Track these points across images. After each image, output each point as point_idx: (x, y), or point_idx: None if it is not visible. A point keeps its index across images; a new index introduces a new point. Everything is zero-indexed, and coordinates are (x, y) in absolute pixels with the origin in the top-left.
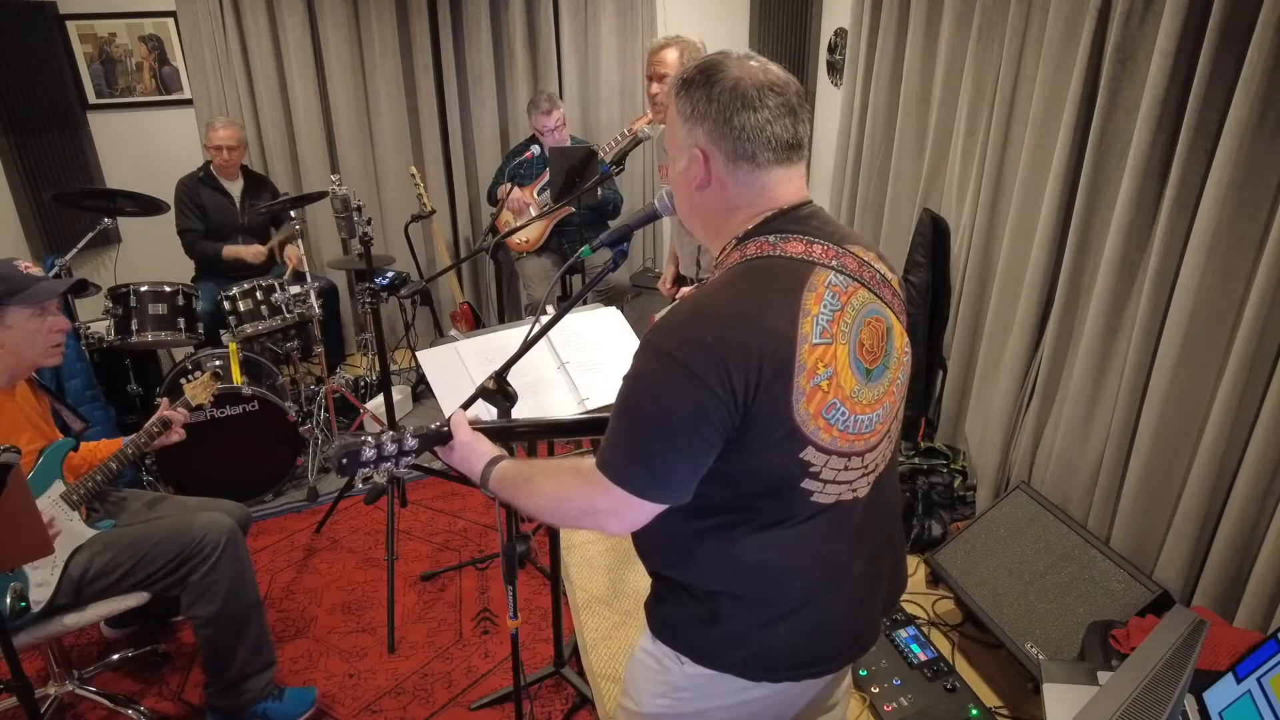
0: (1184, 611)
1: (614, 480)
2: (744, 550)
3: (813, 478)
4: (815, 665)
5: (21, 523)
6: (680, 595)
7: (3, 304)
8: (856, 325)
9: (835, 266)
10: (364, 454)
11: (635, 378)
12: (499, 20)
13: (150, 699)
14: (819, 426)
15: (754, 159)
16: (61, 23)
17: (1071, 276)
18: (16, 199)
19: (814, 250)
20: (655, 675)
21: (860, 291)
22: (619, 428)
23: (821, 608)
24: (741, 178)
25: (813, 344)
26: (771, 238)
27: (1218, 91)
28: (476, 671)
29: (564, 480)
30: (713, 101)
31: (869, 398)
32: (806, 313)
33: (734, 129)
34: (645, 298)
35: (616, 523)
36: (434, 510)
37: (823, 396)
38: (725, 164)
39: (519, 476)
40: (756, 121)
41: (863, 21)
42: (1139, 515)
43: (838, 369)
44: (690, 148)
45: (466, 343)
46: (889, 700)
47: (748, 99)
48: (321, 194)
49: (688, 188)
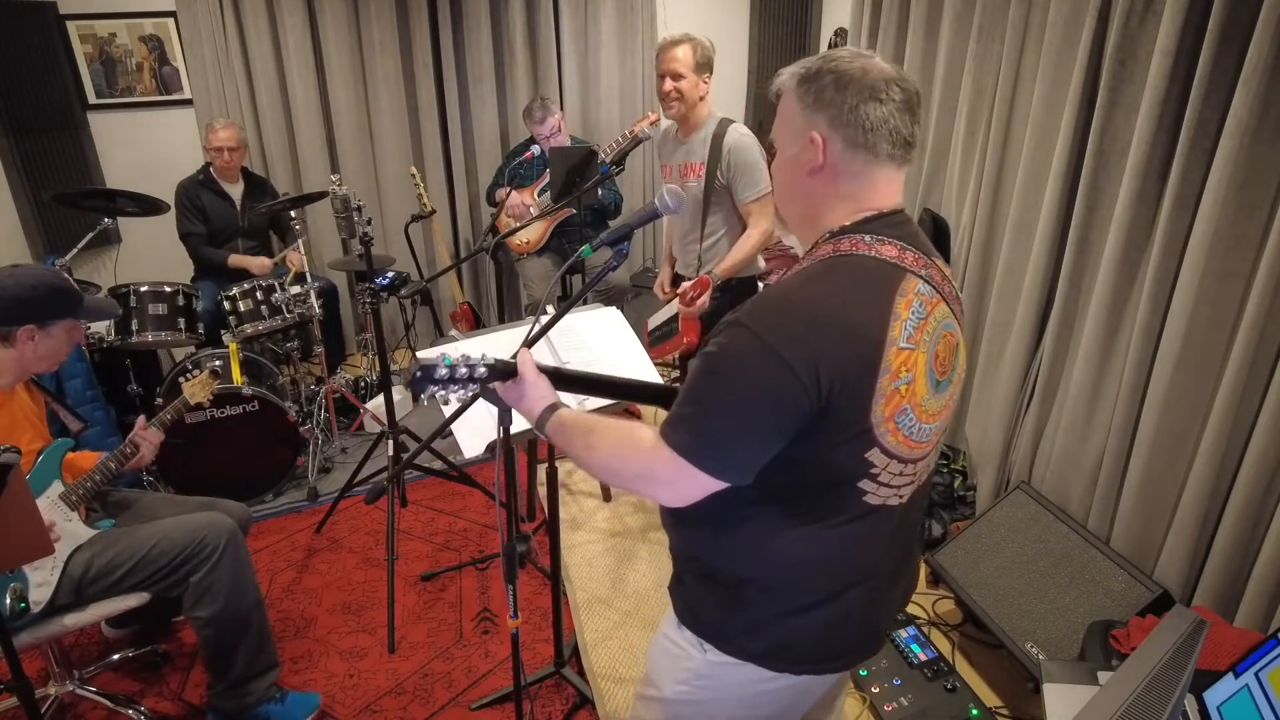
0: (1184, 611)
1: (678, 450)
2: (784, 542)
3: (871, 479)
4: (836, 660)
5: (21, 523)
6: (707, 579)
7: (60, 316)
8: (936, 336)
9: (924, 276)
10: (438, 372)
11: (721, 354)
12: (499, 20)
13: (150, 699)
14: (889, 430)
15: (874, 149)
16: (61, 23)
17: (1071, 276)
18: (16, 199)
19: (906, 257)
20: (678, 661)
21: (942, 304)
22: (694, 400)
23: (846, 603)
24: (856, 168)
25: (900, 348)
26: (867, 237)
27: (1218, 91)
28: (477, 671)
29: (626, 440)
30: (841, 89)
31: (934, 408)
32: (897, 316)
33: (859, 117)
34: (645, 298)
35: (670, 493)
36: (434, 510)
37: (899, 400)
38: (843, 150)
39: (580, 427)
40: (881, 114)
41: (863, 21)
42: (1139, 515)
43: (916, 376)
44: (806, 132)
45: (466, 343)
46: (889, 700)
47: (876, 90)
48: (321, 194)
49: (797, 173)
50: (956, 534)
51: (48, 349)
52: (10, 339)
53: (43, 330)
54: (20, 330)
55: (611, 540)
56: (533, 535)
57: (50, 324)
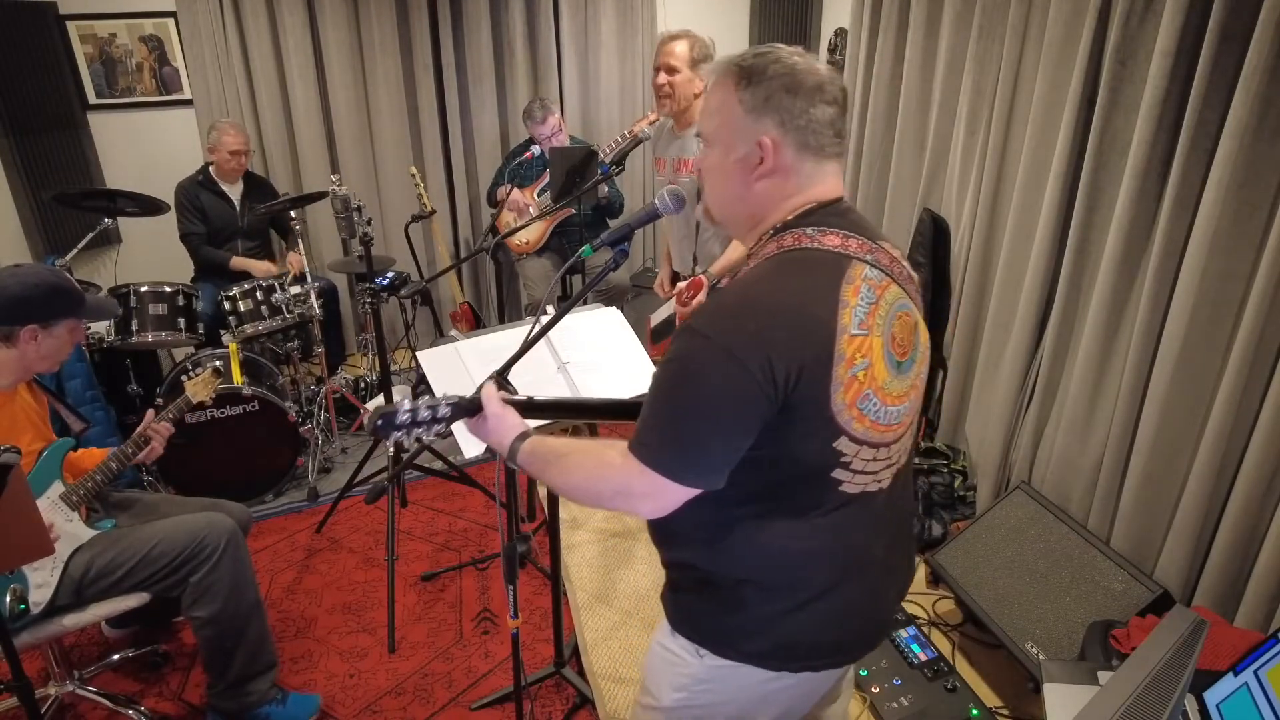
0: (1184, 611)
1: (648, 463)
2: (772, 538)
3: (843, 467)
4: (836, 655)
5: (22, 523)
6: (702, 585)
7: (63, 316)
8: (890, 319)
9: (870, 261)
10: (399, 417)
11: (677, 361)
12: (499, 20)
13: (151, 699)
14: (853, 417)
15: (821, 150)
16: (61, 23)
17: (1071, 276)
18: (16, 199)
19: (850, 244)
20: (674, 669)
21: (893, 286)
22: (656, 410)
23: (843, 596)
24: (806, 168)
25: (851, 335)
26: (810, 230)
27: (1218, 91)
28: (477, 671)
29: (598, 460)
30: (793, 93)
31: (899, 390)
32: (845, 304)
33: (810, 120)
34: (645, 298)
35: (650, 505)
36: (434, 510)
37: (859, 387)
38: (794, 154)
39: (551, 453)
40: (826, 115)
41: (863, 21)
42: (1139, 515)
43: (873, 360)
44: (755, 137)
45: (467, 343)
46: (889, 700)
47: (822, 92)
48: (321, 194)
49: (744, 176)
50: (956, 534)
51: (50, 349)
52: (12, 338)
53: (45, 330)
54: (23, 330)
55: (611, 540)
56: (533, 535)
57: (53, 324)
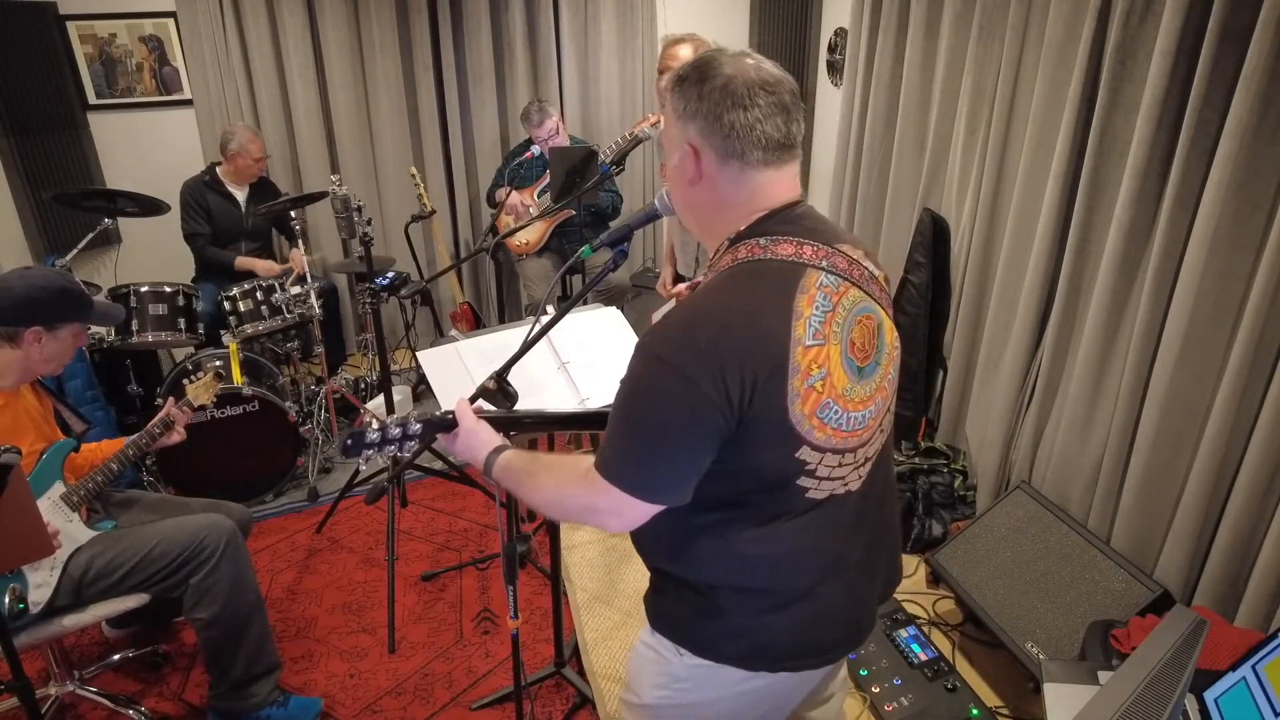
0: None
1: (611, 481)
2: (742, 545)
3: (808, 475)
4: (814, 656)
5: (22, 523)
6: (680, 589)
7: (69, 319)
8: (848, 324)
9: (825, 267)
10: (368, 436)
11: (631, 381)
12: (499, 20)
13: (151, 699)
14: (813, 426)
15: (743, 157)
16: (61, 23)
17: (1071, 276)
18: (16, 199)
19: (804, 251)
20: (655, 667)
21: (851, 290)
22: (616, 430)
23: (820, 598)
24: (731, 175)
25: (806, 346)
26: (762, 240)
27: (1218, 91)
28: (477, 671)
29: (565, 477)
30: (704, 99)
31: (861, 395)
32: (799, 315)
33: (724, 126)
34: (645, 298)
35: (616, 521)
36: (434, 510)
37: (817, 397)
38: (715, 161)
39: (522, 470)
40: (746, 120)
41: (863, 21)
42: (1139, 515)
43: (830, 369)
44: (683, 143)
45: (467, 343)
46: (889, 700)
47: (738, 97)
48: (322, 194)
49: (681, 183)
50: (956, 534)
51: (53, 351)
52: (17, 340)
53: (50, 332)
54: (28, 331)
55: (611, 540)
56: (533, 535)
57: (58, 327)
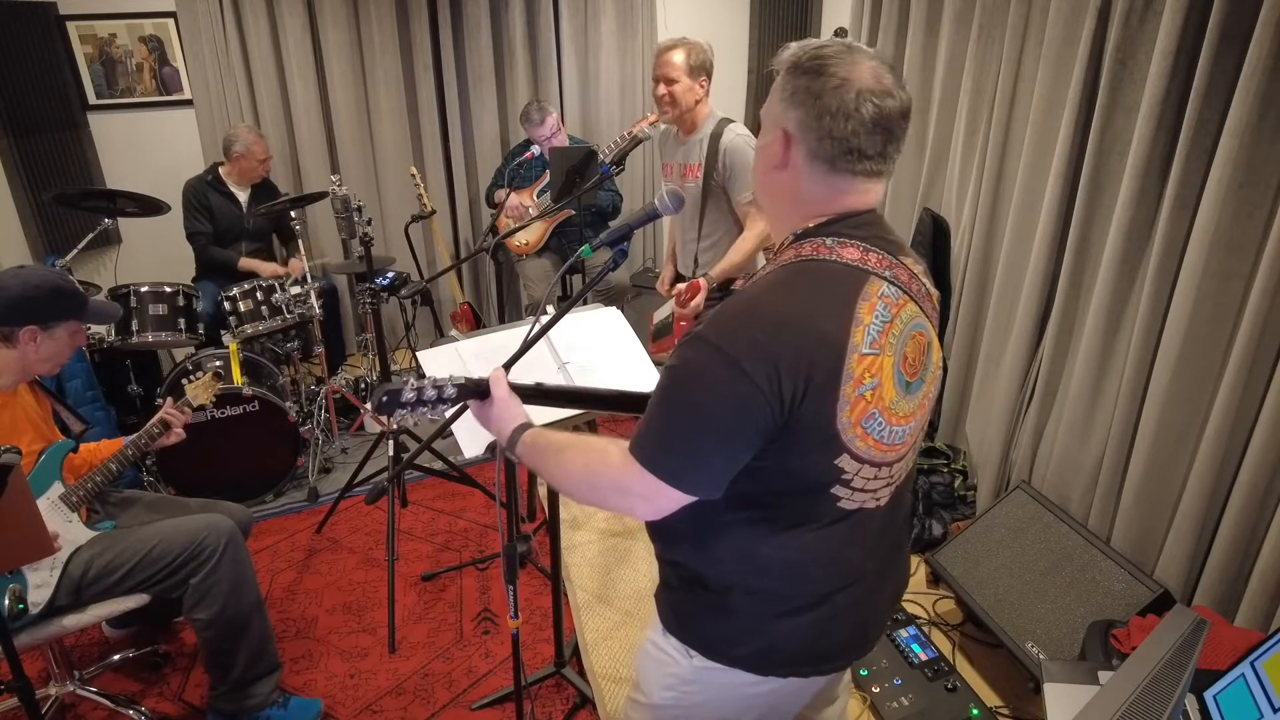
0: (1185, 611)
1: (647, 465)
2: (765, 547)
3: (843, 485)
4: (823, 662)
5: (22, 524)
6: (693, 585)
7: (64, 318)
8: (903, 338)
9: (889, 277)
10: (404, 395)
11: (682, 367)
12: (499, 20)
13: (151, 699)
14: (857, 435)
15: (832, 163)
16: (61, 23)
17: (1071, 276)
18: (16, 199)
19: (869, 259)
20: (664, 668)
21: (909, 304)
22: (658, 414)
23: (833, 606)
24: (816, 174)
25: (862, 354)
26: (829, 240)
27: (1218, 91)
28: (477, 671)
29: (598, 457)
30: (813, 94)
31: (905, 410)
32: (859, 321)
33: (822, 128)
34: (645, 298)
35: (646, 506)
36: (434, 510)
37: (865, 406)
38: (805, 156)
39: (551, 446)
40: (844, 130)
41: (863, 21)
42: (1139, 515)
43: (882, 380)
44: (778, 126)
45: (467, 343)
46: (890, 700)
47: (844, 104)
48: (322, 194)
49: (765, 163)
50: (956, 534)
51: (50, 350)
52: (12, 339)
53: (45, 331)
54: (23, 331)
55: (612, 540)
56: (533, 535)
57: (53, 325)
